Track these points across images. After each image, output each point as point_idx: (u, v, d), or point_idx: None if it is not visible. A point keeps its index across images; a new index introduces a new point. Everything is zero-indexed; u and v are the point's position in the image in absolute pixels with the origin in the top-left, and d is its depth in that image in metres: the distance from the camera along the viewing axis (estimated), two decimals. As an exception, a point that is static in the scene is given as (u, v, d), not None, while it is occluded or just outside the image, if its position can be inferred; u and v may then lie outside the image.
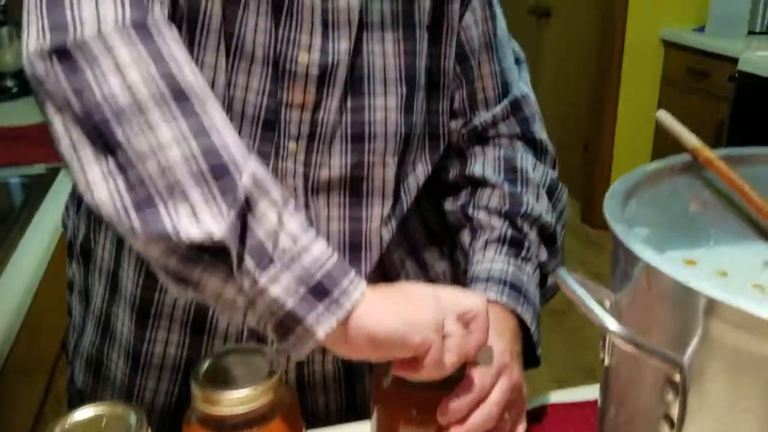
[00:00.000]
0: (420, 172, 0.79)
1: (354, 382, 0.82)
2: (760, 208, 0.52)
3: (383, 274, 0.80)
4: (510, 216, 0.78)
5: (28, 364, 1.12)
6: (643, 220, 0.54)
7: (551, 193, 0.82)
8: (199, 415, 0.54)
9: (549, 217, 0.79)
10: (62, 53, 0.52)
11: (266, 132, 0.70)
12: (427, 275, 0.86)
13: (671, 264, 0.46)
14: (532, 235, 0.78)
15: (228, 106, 0.68)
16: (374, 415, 0.63)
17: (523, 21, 4.12)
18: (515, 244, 0.76)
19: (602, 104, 3.35)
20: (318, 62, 0.69)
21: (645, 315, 0.48)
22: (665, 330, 0.46)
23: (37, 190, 1.40)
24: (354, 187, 0.74)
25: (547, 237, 0.79)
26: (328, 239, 0.74)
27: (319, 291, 0.52)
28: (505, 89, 0.82)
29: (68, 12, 0.54)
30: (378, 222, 0.76)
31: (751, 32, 2.94)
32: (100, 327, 0.79)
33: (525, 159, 0.82)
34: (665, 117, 0.70)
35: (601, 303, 0.54)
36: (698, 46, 2.92)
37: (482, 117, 0.81)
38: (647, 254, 0.46)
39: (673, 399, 0.44)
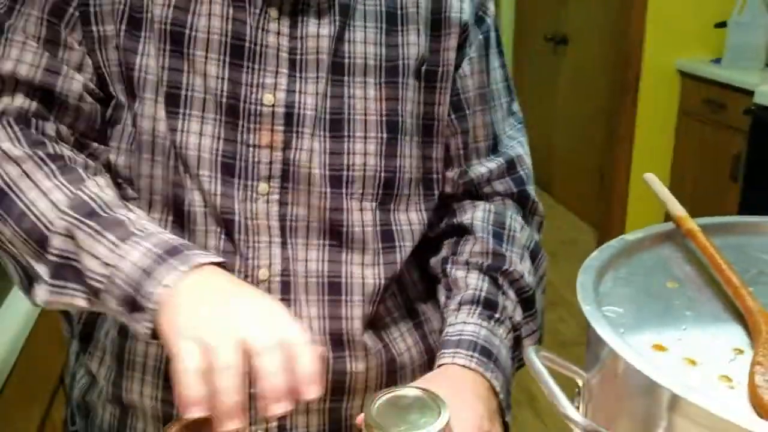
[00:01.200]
0: (415, 220, 0.78)
1: None
2: (737, 289, 0.51)
3: (371, 323, 0.79)
4: (490, 272, 0.77)
5: (24, 395, 1.13)
6: (617, 298, 0.53)
7: (534, 256, 0.82)
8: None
9: (530, 279, 0.79)
10: None
11: (227, 176, 0.70)
12: (421, 329, 0.84)
13: (639, 349, 0.46)
14: (511, 294, 0.77)
15: (180, 153, 0.69)
16: None
17: (540, 48, 4.12)
18: (489, 306, 0.75)
19: (618, 133, 3.33)
20: (284, 101, 0.70)
21: (613, 400, 0.48)
22: (632, 417, 0.45)
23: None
24: (333, 230, 0.73)
25: (526, 300, 0.78)
26: (306, 281, 0.73)
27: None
28: (495, 141, 0.82)
29: None
30: (359, 268, 0.75)
31: (768, 64, 2.92)
32: (88, 374, 0.80)
33: (514, 219, 0.82)
34: (653, 180, 0.69)
35: (574, 381, 0.53)
36: (714, 77, 2.89)
37: (477, 170, 0.81)
38: (614, 340, 0.45)
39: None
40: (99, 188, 0.66)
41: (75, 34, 0.70)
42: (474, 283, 0.76)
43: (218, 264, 0.60)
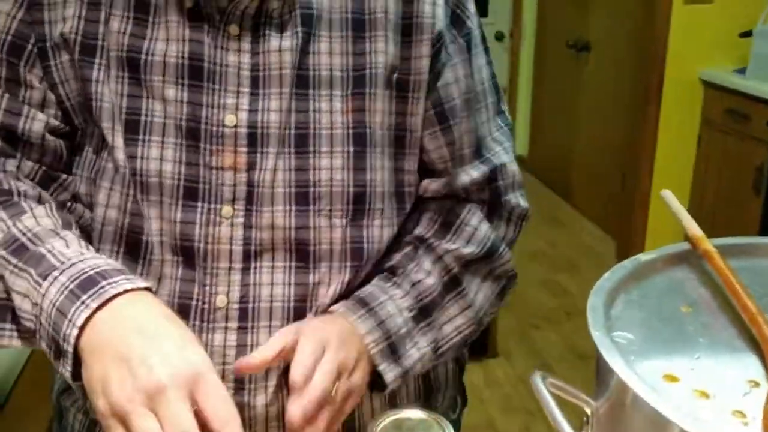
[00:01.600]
0: (386, 235, 0.75)
1: None
2: (753, 316, 0.49)
3: None
4: (415, 241, 0.77)
5: (31, 402, 1.13)
6: (628, 322, 0.51)
7: (492, 249, 0.78)
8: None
9: (455, 260, 0.76)
10: None
11: (189, 200, 0.69)
12: None
13: (649, 380, 0.44)
14: (425, 263, 0.75)
15: (141, 181, 0.68)
16: None
17: (562, 55, 4.09)
18: (392, 270, 0.75)
19: (640, 142, 3.29)
20: (247, 122, 0.68)
21: (622, 431, 0.46)
22: (641, 450, 0.43)
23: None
24: (300, 250, 0.71)
25: (451, 278, 0.77)
26: (270, 306, 0.71)
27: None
28: (478, 145, 0.79)
29: None
30: (326, 289, 0.72)
31: (794, 75, 2.86)
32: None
33: (472, 212, 0.79)
34: (669, 198, 0.67)
35: (582, 409, 0.51)
36: (738, 87, 2.85)
37: (461, 179, 0.78)
38: (623, 370, 0.44)
39: None
40: (35, 220, 0.65)
41: (35, 71, 0.69)
42: (397, 255, 0.77)
43: (141, 288, 0.59)
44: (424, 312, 0.75)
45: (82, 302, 0.56)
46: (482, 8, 4.64)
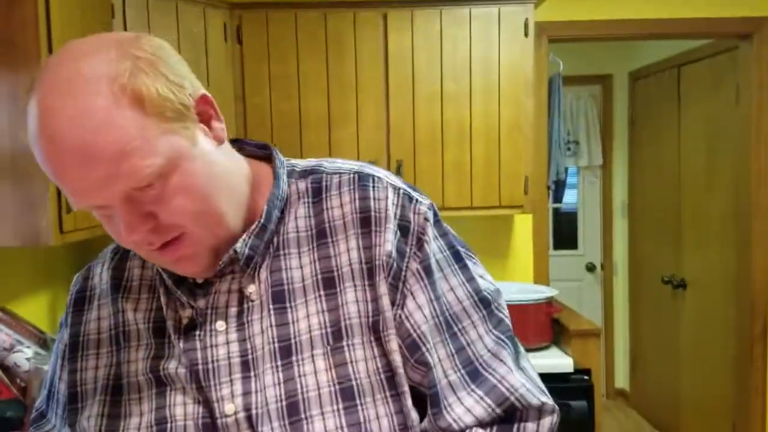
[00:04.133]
0: None
1: None
2: None
3: None
4: None
5: None
6: None
7: None
8: None
9: None
10: None
11: None
12: None
13: None
14: None
15: None
16: None
17: (658, 291, 4.05)
18: None
19: (749, 385, 3.12)
20: (243, 405, 0.73)
21: None
22: None
23: None
24: None
25: None
26: None
27: None
28: (469, 365, 0.76)
29: None
30: None
31: None
32: None
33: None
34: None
35: None
36: None
37: (455, 411, 0.75)
38: None
39: None
40: None
41: None
42: None
43: None
44: None
45: None
46: (572, 239, 4.77)
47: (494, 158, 2.59)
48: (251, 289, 0.76)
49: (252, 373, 0.74)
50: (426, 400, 0.77)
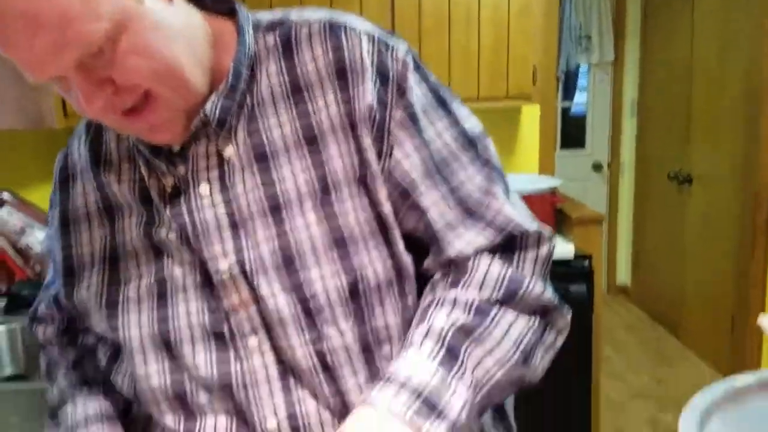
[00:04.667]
0: (392, 321, 0.77)
1: None
2: None
3: None
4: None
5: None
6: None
7: (512, 288, 0.75)
8: None
9: (481, 296, 0.74)
10: None
11: (219, 342, 0.77)
12: None
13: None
14: (439, 314, 0.73)
15: (177, 337, 0.77)
16: None
17: (664, 186, 4.06)
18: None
19: (749, 278, 3.16)
20: (236, 261, 0.75)
21: None
22: None
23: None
24: (323, 364, 0.75)
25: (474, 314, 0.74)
26: (309, 418, 0.75)
27: None
28: (463, 203, 0.77)
29: None
30: (358, 392, 0.75)
31: None
32: None
33: (477, 258, 0.76)
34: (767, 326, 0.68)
35: None
36: None
37: (455, 246, 0.76)
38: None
39: None
40: (68, 415, 0.87)
41: None
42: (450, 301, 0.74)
43: None
44: (451, 354, 0.71)
45: None
46: (579, 139, 4.74)
47: (503, 44, 2.52)
48: (230, 151, 0.76)
49: (242, 231, 0.76)
50: (422, 246, 0.78)
